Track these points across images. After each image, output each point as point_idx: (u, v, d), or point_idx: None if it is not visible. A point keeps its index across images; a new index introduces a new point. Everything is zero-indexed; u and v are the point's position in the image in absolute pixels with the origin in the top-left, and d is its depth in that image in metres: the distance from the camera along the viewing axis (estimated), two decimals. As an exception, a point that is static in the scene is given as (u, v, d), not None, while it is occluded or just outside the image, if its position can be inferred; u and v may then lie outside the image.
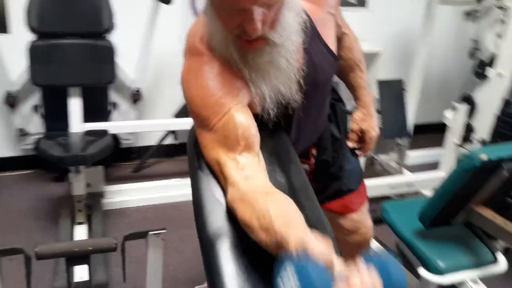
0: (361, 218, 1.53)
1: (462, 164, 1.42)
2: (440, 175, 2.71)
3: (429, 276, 1.55)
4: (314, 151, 1.37)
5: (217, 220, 0.89)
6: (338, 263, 0.68)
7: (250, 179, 0.88)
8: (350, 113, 1.50)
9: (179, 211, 2.59)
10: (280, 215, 0.77)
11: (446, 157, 2.74)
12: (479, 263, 1.61)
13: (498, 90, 2.43)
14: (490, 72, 2.47)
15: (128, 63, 2.69)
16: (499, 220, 1.51)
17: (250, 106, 0.97)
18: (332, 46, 1.12)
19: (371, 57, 2.98)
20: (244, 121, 0.92)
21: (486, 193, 1.53)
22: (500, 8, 2.54)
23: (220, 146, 0.91)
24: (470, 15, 2.89)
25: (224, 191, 0.92)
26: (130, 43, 2.61)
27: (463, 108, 2.59)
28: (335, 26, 1.16)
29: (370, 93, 1.44)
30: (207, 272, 0.86)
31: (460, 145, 2.64)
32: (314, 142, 1.35)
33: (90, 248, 1.35)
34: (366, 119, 1.41)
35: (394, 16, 3.35)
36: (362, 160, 1.74)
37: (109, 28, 2.47)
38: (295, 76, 0.99)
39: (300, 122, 1.15)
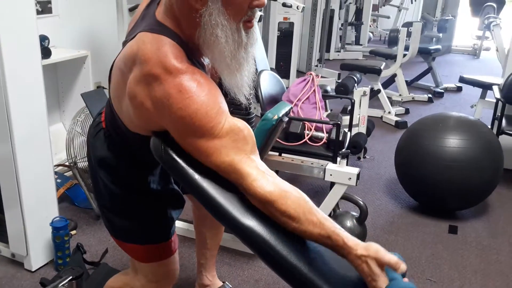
0: None
1: (262, 125, 1.90)
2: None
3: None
4: None
5: (243, 211, 1.02)
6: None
7: (274, 176, 1.04)
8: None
9: None
10: (322, 215, 1.01)
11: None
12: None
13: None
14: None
15: None
16: (287, 159, 2.10)
17: None
18: None
19: (79, 62, 3.03)
20: (243, 124, 1.07)
21: (272, 143, 2.09)
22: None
23: (231, 148, 1.02)
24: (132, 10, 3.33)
25: (240, 188, 1.04)
26: None
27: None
28: None
29: None
30: (263, 255, 0.99)
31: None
32: None
33: None
34: None
35: (84, 19, 3.28)
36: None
37: None
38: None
39: None
